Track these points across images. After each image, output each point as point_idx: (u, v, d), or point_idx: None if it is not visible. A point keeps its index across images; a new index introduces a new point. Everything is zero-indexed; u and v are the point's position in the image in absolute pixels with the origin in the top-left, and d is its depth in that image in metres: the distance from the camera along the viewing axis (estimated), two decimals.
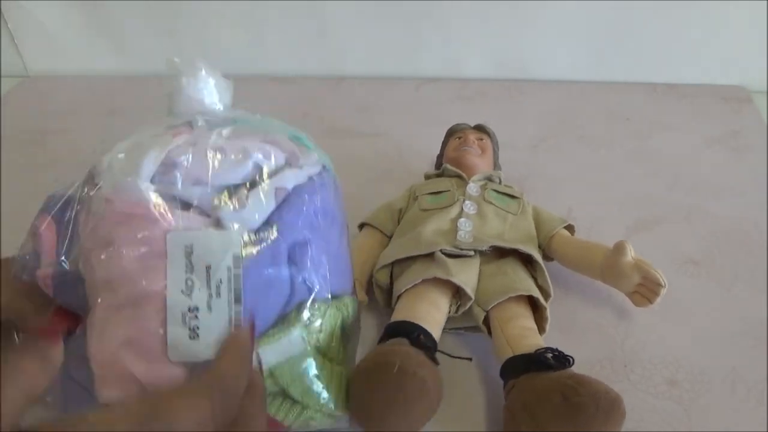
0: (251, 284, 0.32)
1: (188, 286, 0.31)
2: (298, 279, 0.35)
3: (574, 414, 0.36)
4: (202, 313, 0.31)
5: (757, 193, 0.61)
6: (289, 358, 0.34)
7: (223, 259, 0.31)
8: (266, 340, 0.34)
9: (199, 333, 0.31)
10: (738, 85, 0.77)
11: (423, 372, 0.37)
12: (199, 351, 0.31)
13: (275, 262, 0.34)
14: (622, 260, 0.45)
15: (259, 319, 0.33)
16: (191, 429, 0.26)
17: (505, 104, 0.76)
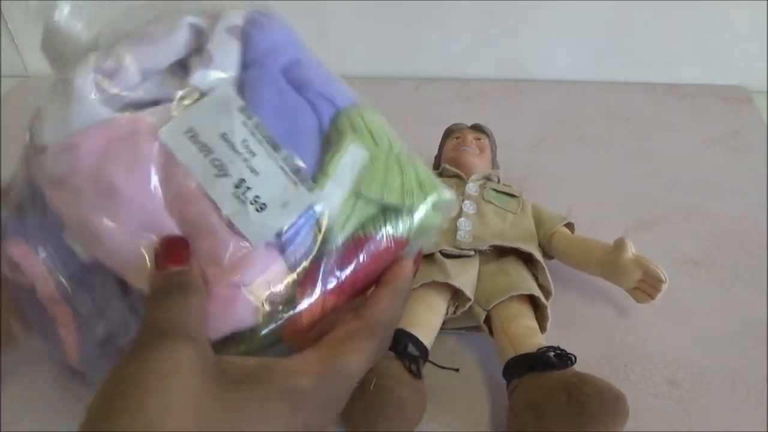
0: (274, 124, 0.29)
1: (218, 165, 0.28)
2: (313, 96, 0.32)
3: (578, 413, 0.36)
4: (251, 180, 0.28)
5: (757, 193, 0.61)
6: (362, 169, 0.31)
7: (232, 118, 0.28)
8: (329, 168, 0.30)
9: (263, 201, 0.28)
10: (738, 85, 0.77)
11: (401, 389, 0.38)
12: (279, 218, 0.28)
13: (280, 90, 0.31)
14: (623, 256, 0.45)
15: (306, 152, 0.30)
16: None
17: (505, 104, 0.76)
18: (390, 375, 0.38)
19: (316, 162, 0.30)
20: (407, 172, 0.32)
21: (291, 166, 0.29)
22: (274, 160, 0.29)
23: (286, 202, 0.28)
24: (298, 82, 0.31)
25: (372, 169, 0.31)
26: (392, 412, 0.38)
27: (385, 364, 0.39)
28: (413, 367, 0.40)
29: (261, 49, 0.31)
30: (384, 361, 0.40)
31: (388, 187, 0.31)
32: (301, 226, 0.29)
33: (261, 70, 0.30)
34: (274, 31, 0.32)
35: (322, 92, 0.31)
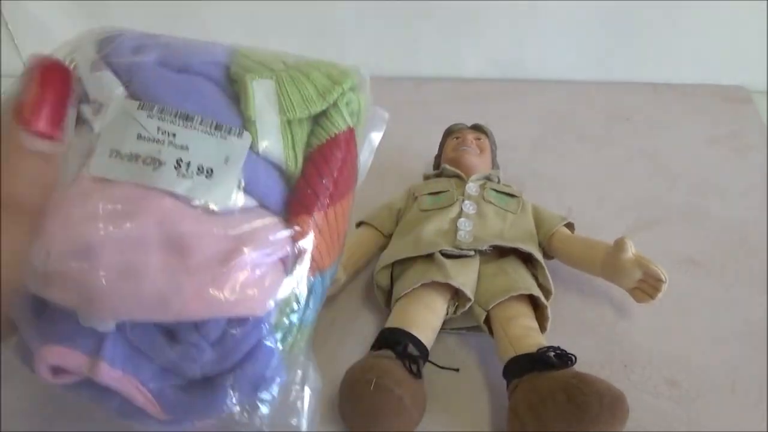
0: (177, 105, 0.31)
1: (151, 161, 0.29)
2: (197, 68, 0.32)
3: (579, 413, 0.36)
4: (186, 155, 0.30)
5: (757, 193, 0.61)
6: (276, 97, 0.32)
7: (136, 119, 0.30)
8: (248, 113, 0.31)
9: (207, 166, 0.30)
10: (738, 85, 0.77)
11: (400, 389, 0.38)
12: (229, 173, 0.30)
13: (165, 77, 0.32)
14: (623, 256, 0.45)
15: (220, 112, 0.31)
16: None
17: (505, 104, 0.75)
18: (390, 375, 0.38)
19: (235, 115, 0.31)
20: (313, 76, 0.33)
21: (210, 126, 0.30)
22: (194, 129, 0.30)
23: (227, 156, 0.30)
24: (176, 67, 0.32)
25: (284, 92, 0.32)
26: (392, 412, 0.38)
27: (385, 364, 0.39)
28: (413, 367, 0.40)
29: (126, 63, 0.32)
30: (384, 361, 0.40)
31: (306, 99, 0.33)
32: (257, 172, 0.31)
33: (140, 73, 0.31)
34: (128, 39, 0.33)
35: (201, 60, 0.32)
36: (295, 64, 0.34)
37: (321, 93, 0.33)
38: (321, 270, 0.33)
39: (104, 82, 0.31)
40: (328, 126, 0.33)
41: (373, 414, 0.38)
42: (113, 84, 0.31)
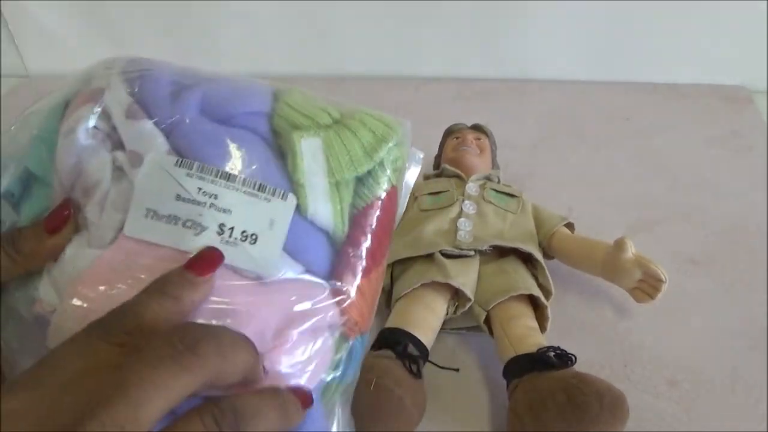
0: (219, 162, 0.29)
1: (192, 225, 0.27)
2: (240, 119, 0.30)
3: (579, 413, 0.36)
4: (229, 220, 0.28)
5: (757, 193, 0.61)
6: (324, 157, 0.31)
7: (174, 177, 0.28)
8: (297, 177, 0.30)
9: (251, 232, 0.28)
10: (738, 85, 0.77)
11: (400, 389, 0.38)
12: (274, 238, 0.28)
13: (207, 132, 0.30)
14: (623, 256, 0.45)
15: (267, 170, 0.29)
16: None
17: (505, 104, 0.75)
18: (390, 375, 0.38)
19: (280, 174, 0.30)
20: (360, 132, 0.32)
21: (254, 187, 0.29)
22: (236, 190, 0.28)
23: (272, 220, 0.28)
24: (219, 117, 0.30)
25: (332, 151, 0.31)
26: (392, 412, 0.38)
27: (385, 364, 0.39)
28: (413, 367, 0.40)
29: (165, 111, 0.30)
30: (384, 361, 0.40)
31: (353, 158, 0.31)
32: (305, 238, 0.29)
33: (181, 125, 0.29)
34: (164, 80, 0.31)
35: (244, 111, 0.31)
36: (341, 118, 0.33)
37: (368, 152, 0.32)
38: (362, 332, 0.32)
39: (144, 132, 0.29)
40: (374, 186, 0.32)
41: (373, 414, 0.38)
42: (153, 135, 0.29)
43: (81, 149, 0.29)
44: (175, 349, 0.23)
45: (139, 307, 0.25)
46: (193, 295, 0.26)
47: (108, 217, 0.28)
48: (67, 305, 0.26)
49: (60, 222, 0.28)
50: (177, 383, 0.22)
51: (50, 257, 0.28)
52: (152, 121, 0.29)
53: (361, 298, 0.31)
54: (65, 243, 0.28)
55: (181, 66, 0.33)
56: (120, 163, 0.28)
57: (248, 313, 0.27)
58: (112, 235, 0.28)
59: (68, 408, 0.21)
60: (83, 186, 0.28)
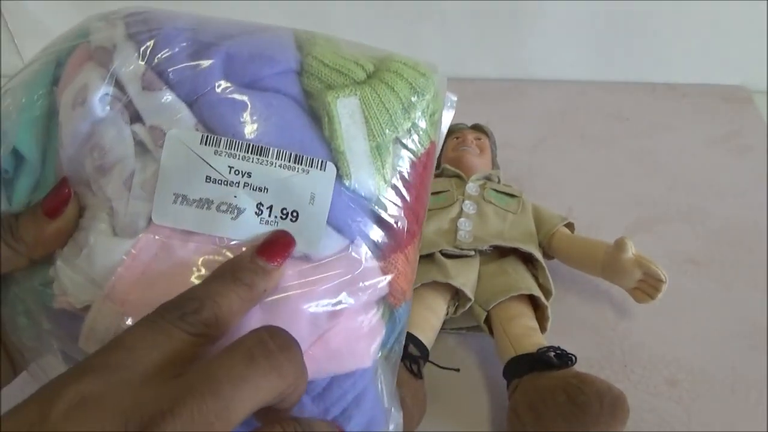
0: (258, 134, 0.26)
1: (227, 208, 0.25)
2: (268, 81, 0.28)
3: (578, 413, 0.36)
4: (266, 198, 0.26)
5: (757, 193, 0.61)
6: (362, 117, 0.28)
7: (200, 156, 0.26)
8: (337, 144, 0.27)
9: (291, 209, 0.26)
10: (738, 85, 0.77)
11: (401, 389, 0.38)
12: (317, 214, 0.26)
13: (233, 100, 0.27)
14: (623, 256, 0.45)
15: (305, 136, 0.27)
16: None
17: (505, 104, 0.75)
18: None
19: (318, 142, 0.27)
20: (398, 87, 0.29)
21: (290, 159, 0.26)
22: (271, 165, 0.26)
23: (312, 194, 0.26)
24: (244, 80, 0.27)
25: (371, 111, 0.28)
26: None
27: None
28: (414, 367, 0.40)
29: (189, 79, 0.26)
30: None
31: (393, 117, 0.28)
32: (349, 209, 0.27)
33: (206, 97, 0.26)
34: (180, 40, 0.27)
35: (272, 71, 0.28)
36: (375, 70, 0.29)
37: (407, 108, 0.29)
38: (407, 299, 0.30)
39: (165, 105, 0.26)
40: (413, 145, 0.29)
41: None
42: (177, 108, 0.26)
43: (95, 121, 0.26)
44: (266, 348, 0.22)
45: (214, 294, 0.23)
46: (266, 283, 0.24)
47: (136, 201, 0.25)
48: (105, 305, 0.25)
49: (59, 204, 0.26)
50: (267, 384, 0.21)
51: (56, 244, 0.26)
52: (172, 91, 0.26)
53: (407, 265, 0.29)
54: (70, 226, 0.26)
55: (189, 16, 0.29)
56: (141, 138, 0.26)
57: (302, 297, 0.25)
58: (143, 222, 0.25)
59: (152, 399, 0.20)
60: (98, 163, 0.26)
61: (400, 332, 0.30)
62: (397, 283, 0.28)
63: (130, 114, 0.26)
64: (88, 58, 0.27)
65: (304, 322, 0.25)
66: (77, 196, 0.26)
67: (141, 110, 0.26)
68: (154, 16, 0.28)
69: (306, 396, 0.26)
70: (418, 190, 0.30)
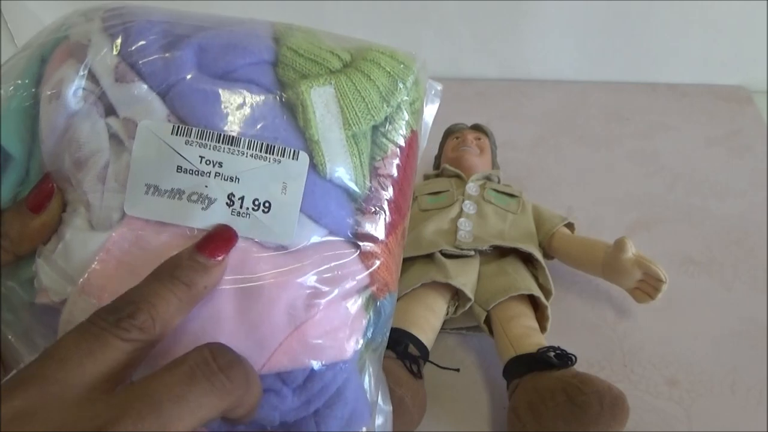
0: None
1: (198, 198, 0.25)
2: (241, 72, 0.27)
3: (579, 413, 0.36)
4: (238, 189, 0.26)
5: (757, 193, 0.61)
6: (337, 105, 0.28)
7: (171, 146, 0.26)
8: (310, 133, 0.27)
9: (264, 199, 0.26)
10: (738, 85, 0.77)
11: (401, 389, 0.38)
12: (290, 204, 0.26)
13: (207, 91, 0.26)
14: (623, 256, 0.45)
15: (278, 127, 0.27)
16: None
17: (505, 104, 0.75)
18: (391, 375, 0.38)
19: (292, 132, 0.27)
20: (374, 75, 0.29)
21: (260, 149, 0.26)
22: (242, 155, 0.26)
23: (284, 183, 0.26)
24: (217, 71, 0.27)
25: (347, 101, 0.28)
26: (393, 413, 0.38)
27: (386, 365, 0.39)
28: (414, 367, 0.40)
29: (160, 70, 0.26)
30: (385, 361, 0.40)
31: (370, 106, 0.28)
32: (326, 198, 0.27)
33: (177, 87, 0.26)
34: (152, 32, 0.27)
35: (245, 62, 0.28)
36: (352, 59, 0.29)
37: (384, 97, 0.29)
38: (390, 290, 0.30)
39: (137, 97, 0.26)
40: (393, 134, 0.29)
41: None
42: (148, 100, 0.26)
43: (70, 114, 0.26)
44: (209, 367, 0.21)
45: (150, 296, 0.23)
46: (206, 280, 0.24)
47: (110, 194, 0.25)
48: (80, 299, 0.25)
49: (43, 198, 0.26)
50: (208, 404, 0.21)
51: (40, 239, 0.26)
52: (144, 82, 0.26)
53: (388, 256, 0.29)
54: (54, 221, 0.26)
55: (166, 10, 0.29)
56: (114, 131, 0.26)
57: (277, 287, 0.25)
58: (117, 215, 0.25)
59: (87, 418, 0.19)
60: (75, 157, 0.26)
61: (385, 324, 0.30)
62: (378, 273, 0.28)
63: (104, 107, 0.26)
64: (69, 55, 0.27)
65: (279, 313, 0.25)
66: (60, 191, 0.26)
67: (114, 102, 0.26)
68: (130, 11, 0.28)
69: (286, 388, 0.26)
70: (400, 180, 0.29)
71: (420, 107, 0.31)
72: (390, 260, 0.29)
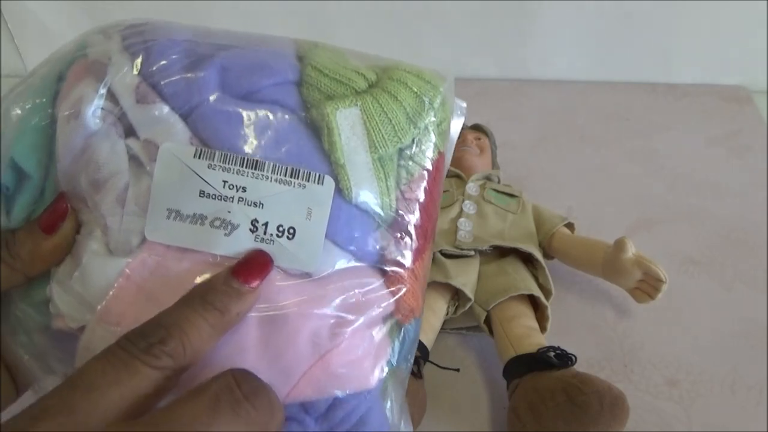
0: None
1: (221, 224, 0.25)
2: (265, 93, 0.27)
3: (579, 413, 0.36)
4: (262, 215, 0.25)
5: (757, 193, 0.61)
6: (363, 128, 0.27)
7: (194, 170, 0.25)
8: (336, 157, 0.26)
9: (288, 226, 0.25)
10: (738, 85, 0.77)
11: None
12: (314, 230, 0.26)
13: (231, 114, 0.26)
14: (623, 256, 0.45)
15: (303, 151, 0.26)
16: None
17: (505, 104, 0.75)
18: None
19: (317, 155, 0.26)
20: (401, 96, 0.28)
21: (285, 173, 0.25)
22: (266, 179, 0.25)
23: (309, 209, 0.25)
24: (240, 91, 0.27)
25: (372, 122, 0.27)
26: None
27: None
28: (413, 367, 0.40)
29: (182, 92, 0.25)
30: None
31: (397, 128, 0.27)
32: (351, 223, 0.26)
33: (200, 108, 0.25)
34: (175, 52, 0.27)
35: (269, 82, 0.27)
36: (378, 79, 0.29)
37: (411, 118, 0.28)
38: (416, 316, 0.29)
39: (159, 119, 0.25)
40: (420, 156, 0.28)
41: None
42: (171, 122, 0.25)
43: (89, 134, 0.25)
44: (233, 395, 0.21)
45: (182, 322, 0.22)
46: (239, 307, 0.23)
47: (129, 217, 0.25)
48: (98, 327, 0.24)
49: (57, 219, 0.25)
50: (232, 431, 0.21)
51: (52, 260, 0.26)
52: (166, 104, 0.25)
53: (414, 282, 0.28)
54: (67, 243, 0.26)
55: (187, 27, 0.29)
56: (135, 153, 0.25)
57: (302, 316, 0.25)
58: (137, 239, 0.25)
59: None
60: (93, 178, 0.25)
61: (410, 349, 0.29)
62: (405, 300, 0.27)
63: (124, 127, 0.25)
64: (87, 73, 0.26)
65: (304, 342, 0.24)
66: (74, 211, 0.26)
67: (135, 123, 0.25)
68: (151, 28, 0.27)
69: (309, 417, 0.25)
70: (426, 204, 0.29)
71: (447, 128, 0.30)
72: (416, 286, 0.28)
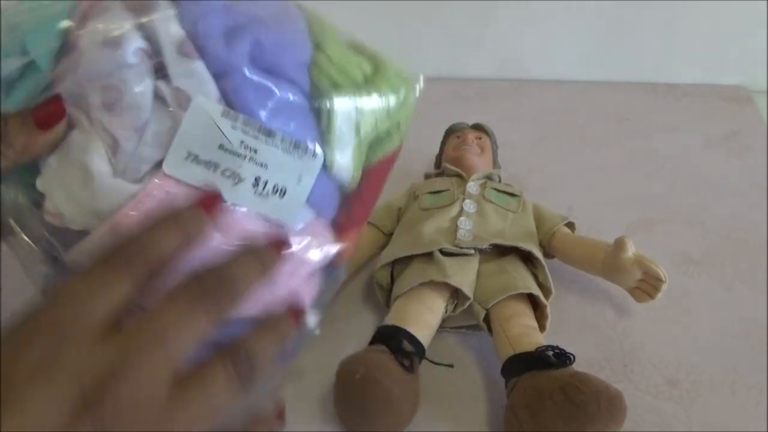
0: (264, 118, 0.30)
1: (230, 175, 0.29)
2: (289, 69, 0.31)
3: (576, 412, 0.36)
4: (264, 174, 0.29)
5: (757, 193, 0.61)
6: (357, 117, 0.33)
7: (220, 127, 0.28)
8: (329, 138, 0.32)
9: (281, 186, 0.30)
10: (738, 85, 0.77)
11: (389, 381, 0.38)
12: (299, 193, 0.31)
13: (257, 86, 0.30)
14: (623, 256, 0.45)
15: (305, 127, 0.31)
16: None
17: (505, 104, 0.75)
18: (379, 368, 0.38)
19: (315, 131, 0.31)
20: (386, 93, 0.34)
21: (290, 145, 0.30)
22: (275, 147, 0.29)
23: (300, 175, 0.30)
24: (266, 67, 0.30)
25: (363, 113, 0.32)
26: (380, 404, 0.38)
27: (376, 358, 0.39)
28: (406, 362, 0.40)
29: (220, 56, 0.29)
30: (375, 355, 0.40)
31: (378, 119, 0.33)
32: (325, 189, 0.32)
33: (232, 75, 0.29)
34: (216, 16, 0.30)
35: (290, 61, 0.31)
36: (372, 75, 0.34)
37: (390, 113, 0.34)
38: (343, 261, 0.35)
39: (195, 74, 0.28)
40: (386, 143, 0.35)
41: (361, 406, 0.38)
42: (205, 80, 0.28)
43: (124, 66, 0.27)
44: (204, 289, 0.24)
45: (158, 238, 0.25)
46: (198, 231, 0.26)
47: (146, 147, 0.28)
48: (105, 234, 0.27)
49: (54, 119, 0.27)
50: (207, 327, 0.23)
51: (42, 153, 0.28)
52: (203, 61, 0.28)
53: (353, 243, 0.34)
54: (59, 139, 0.28)
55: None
56: (163, 95, 0.28)
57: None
58: (147, 168, 0.28)
59: (102, 358, 0.21)
60: (109, 102, 0.27)
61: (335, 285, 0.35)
62: (346, 251, 0.34)
63: (153, 66, 0.28)
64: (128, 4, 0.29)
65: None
66: (69, 117, 0.28)
67: (171, 71, 0.28)
68: None
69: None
70: (379, 183, 0.35)
71: (409, 121, 0.37)
72: (352, 245, 0.34)
